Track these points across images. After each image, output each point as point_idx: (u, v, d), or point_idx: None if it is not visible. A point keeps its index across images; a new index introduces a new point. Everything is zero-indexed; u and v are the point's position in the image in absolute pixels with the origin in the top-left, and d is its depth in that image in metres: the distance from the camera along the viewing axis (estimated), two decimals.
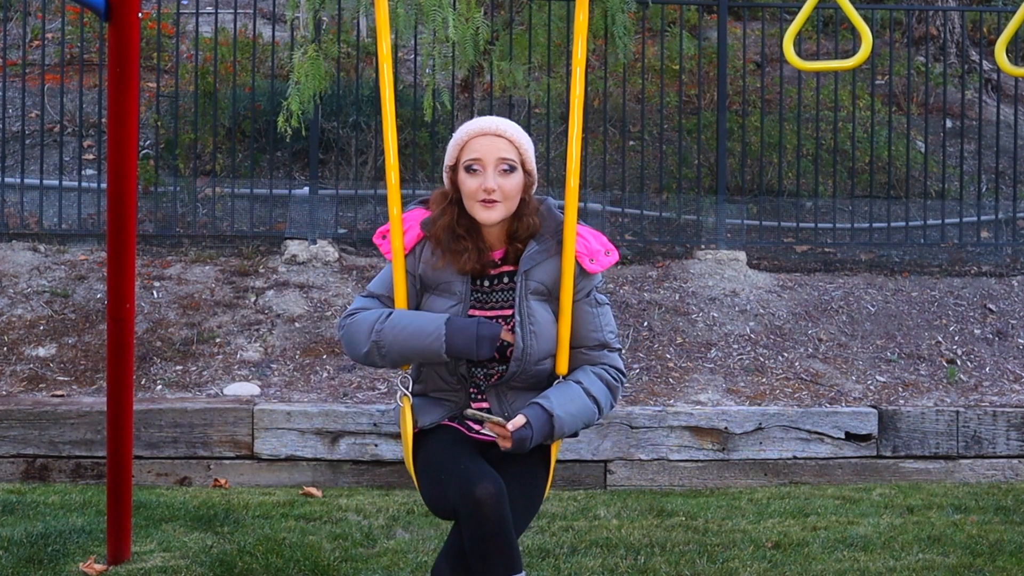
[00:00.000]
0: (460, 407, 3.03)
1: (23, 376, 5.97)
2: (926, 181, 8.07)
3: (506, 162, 2.95)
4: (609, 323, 3.06)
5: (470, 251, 2.96)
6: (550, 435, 2.92)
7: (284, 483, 5.49)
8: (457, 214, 2.99)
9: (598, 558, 4.17)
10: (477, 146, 2.97)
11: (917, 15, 9.57)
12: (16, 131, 7.92)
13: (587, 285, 3.02)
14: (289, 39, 7.72)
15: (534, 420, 2.90)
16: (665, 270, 7.27)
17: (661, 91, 7.94)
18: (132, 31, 3.13)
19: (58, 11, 8.79)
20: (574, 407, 2.94)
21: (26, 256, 6.95)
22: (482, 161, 2.95)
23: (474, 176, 2.95)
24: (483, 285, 3.03)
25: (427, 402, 3.06)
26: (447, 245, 2.97)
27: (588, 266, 2.99)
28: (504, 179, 2.94)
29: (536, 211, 3.03)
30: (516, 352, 2.96)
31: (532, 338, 2.96)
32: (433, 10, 6.41)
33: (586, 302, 3.02)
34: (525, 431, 2.89)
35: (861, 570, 4.10)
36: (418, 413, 3.05)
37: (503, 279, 3.04)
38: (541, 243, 3.00)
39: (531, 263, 2.99)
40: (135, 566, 3.93)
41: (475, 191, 2.94)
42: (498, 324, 2.95)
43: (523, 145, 2.99)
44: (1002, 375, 6.52)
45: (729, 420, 5.72)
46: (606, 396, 3.02)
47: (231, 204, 7.56)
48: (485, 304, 3.01)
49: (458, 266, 2.97)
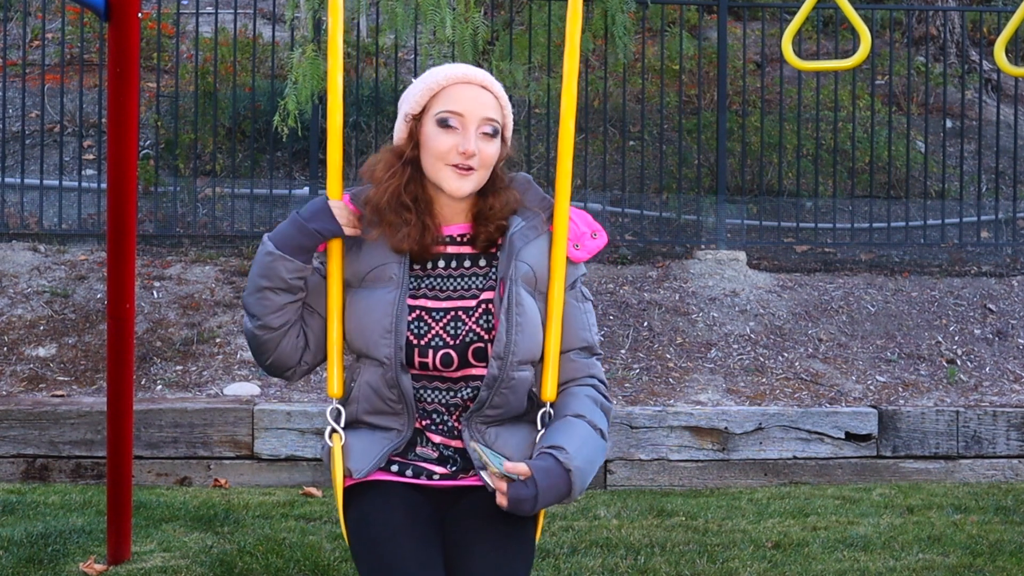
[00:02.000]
0: (404, 437, 2.40)
1: (23, 376, 5.97)
2: (926, 181, 8.07)
3: (491, 123, 2.37)
4: (594, 323, 2.50)
5: (412, 225, 2.36)
6: (566, 495, 2.28)
7: (284, 483, 5.49)
8: (408, 178, 2.39)
9: (598, 558, 4.17)
10: (458, 96, 2.37)
11: (917, 15, 9.57)
12: (16, 131, 7.92)
13: (572, 274, 2.44)
14: (289, 39, 7.71)
15: (542, 477, 2.26)
16: (665, 270, 7.27)
17: (661, 91, 7.94)
18: (132, 31, 3.12)
19: (58, 11, 8.79)
20: (588, 451, 2.34)
21: (26, 256, 6.95)
22: (463, 116, 2.35)
23: (449, 133, 2.35)
24: (431, 268, 2.42)
25: (362, 437, 2.41)
26: (386, 214, 2.37)
27: (572, 253, 2.42)
28: (485, 143, 2.36)
29: (511, 185, 2.47)
30: (497, 347, 2.34)
31: (517, 331, 2.35)
32: (431, 10, 6.41)
33: (571, 295, 2.44)
34: (525, 490, 2.26)
35: (861, 570, 4.10)
36: (349, 455, 2.38)
37: (463, 262, 2.43)
38: (527, 218, 2.44)
39: (523, 241, 2.41)
40: (135, 566, 3.93)
41: (448, 152, 2.34)
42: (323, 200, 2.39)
43: (507, 107, 2.45)
44: (1002, 375, 6.52)
45: (729, 420, 5.72)
46: (605, 423, 2.44)
47: (231, 204, 7.56)
48: (439, 292, 2.40)
49: (393, 242, 2.36)
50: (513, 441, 2.39)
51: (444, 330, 2.37)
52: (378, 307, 2.36)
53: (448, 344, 2.36)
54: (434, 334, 2.37)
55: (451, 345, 2.36)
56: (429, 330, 2.37)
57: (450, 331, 2.37)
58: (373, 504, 2.34)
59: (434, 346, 2.36)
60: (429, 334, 2.37)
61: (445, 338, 2.37)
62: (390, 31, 7.45)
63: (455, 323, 2.38)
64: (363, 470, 2.37)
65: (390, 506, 2.33)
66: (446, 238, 2.43)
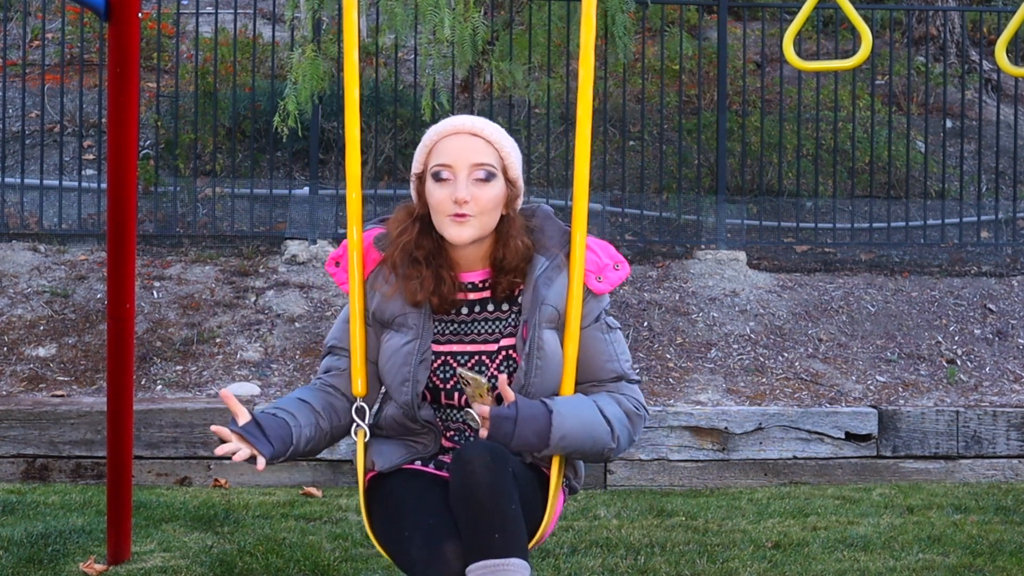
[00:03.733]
0: (430, 451, 2.51)
1: (23, 376, 5.97)
2: (926, 181, 8.07)
3: (482, 168, 2.40)
4: (624, 351, 2.52)
5: (424, 279, 2.43)
6: (544, 432, 2.35)
7: (284, 483, 5.49)
8: (417, 233, 2.46)
9: (598, 558, 4.16)
10: (447, 148, 2.42)
11: (917, 15, 9.57)
12: (16, 131, 7.92)
13: (595, 308, 2.48)
14: (289, 39, 7.71)
15: (524, 405, 2.35)
16: (665, 270, 7.27)
17: (661, 91, 7.94)
18: (132, 31, 3.12)
19: (58, 11, 8.79)
20: (581, 416, 2.40)
21: (26, 256, 6.95)
22: (452, 167, 2.40)
23: (443, 185, 2.40)
24: (457, 315, 2.50)
25: (388, 442, 2.55)
26: (401, 269, 2.46)
27: (595, 286, 2.45)
28: (479, 189, 2.40)
29: (525, 228, 2.48)
30: (515, 387, 2.41)
31: (536, 374, 2.42)
32: (430, 10, 6.41)
33: (596, 327, 2.48)
34: (506, 411, 2.33)
35: (861, 570, 4.09)
36: (375, 453, 2.53)
37: (486, 306, 2.50)
38: (549, 256, 2.47)
39: (548, 284, 2.44)
40: (135, 566, 3.93)
41: (443, 202, 2.39)
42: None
43: (504, 147, 2.45)
44: (1002, 375, 6.52)
45: (729, 420, 5.72)
46: (622, 422, 2.46)
47: (231, 204, 7.56)
48: (464, 337, 2.48)
49: (407, 296, 2.45)
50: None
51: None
52: (398, 356, 2.47)
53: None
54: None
55: None
56: (454, 374, 2.49)
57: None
58: (397, 483, 2.47)
59: (459, 389, 2.49)
60: (454, 378, 2.49)
61: None
62: (390, 31, 7.45)
63: (479, 367, 2.48)
64: (387, 465, 2.51)
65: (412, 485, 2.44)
66: (467, 284, 2.50)
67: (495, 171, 2.42)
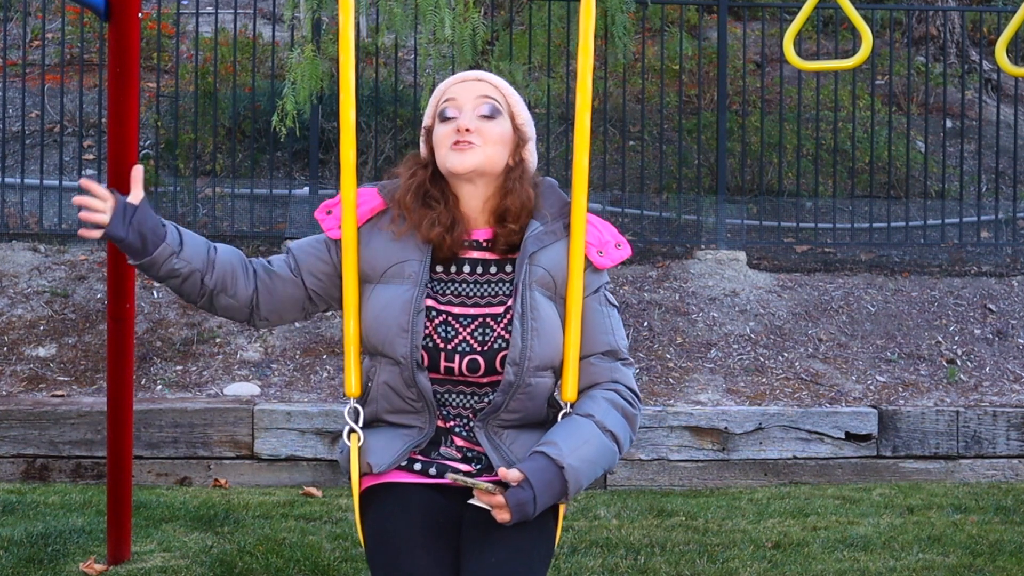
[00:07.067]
0: (426, 435, 2.38)
1: (23, 376, 5.97)
2: (926, 181, 8.07)
3: (486, 100, 2.39)
4: (620, 329, 2.44)
5: (440, 213, 2.37)
6: (562, 493, 2.27)
7: (284, 483, 5.49)
8: (431, 175, 2.42)
9: (598, 558, 4.17)
10: (454, 91, 2.42)
11: (917, 15, 9.57)
12: (16, 131, 7.92)
13: (595, 282, 2.42)
14: (289, 39, 7.71)
15: (536, 476, 2.24)
16: (665, 270, 7.27)
17: (661, 91, 7.94)
18: (132, 31, 3.13)
19: (58, 11, 8.79)
20: (589, 451, 2.30)
21: (26, 256, 6.95)
22: (457, 101, 2.40)
23: (448, 123, 2.39)
24: (456, 272, 2.41)
25: (383, 433, 2.40)
26: (413, 207, 2.38)
27: (596, 259, 2.39)
28: (484, 122, 2.38)
29: (531, 183, 2.44)
30: (512, 353, 2.32)
31: (533, 336, 2.33)
32: (430, 10, 6.41)
33: (594, 298, 2.41)
34: (523, 493, 2.22)
35: (861, 570, 4.10)
36: (369, 451, 2.37)
37: (488, 268, 2.41)
38: (545, 223, 2.41)
39: (537, 245, 2.38)
40: (135, 566, 3.93)
41: (448, 135, 2.37)
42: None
43: (511, 95, 2.44)
44: (1002, 375, 6.52)
45: (729, 420, 5.72)
46: (624, 429, 2.37)
47: (231, 204, 7.56)
48: (467, 299, 2.39)
49: (421, 232, 2.36)
50: (529, 444, 2.36)
51: (472, 336, 2.36)
52: (395, 304, 2.35)
53: (476, 350, 2.35)
54: (461, 339, 2.35)
55: (479, 351, 2.35)
56: (456, 335, 2.36)
57: (477, 337, 2.36)
58: (391, 510, 2.31)
59: (461, 351, 2.35)
60: (456, 339, 2.36)
61: (472, 344, 2.35)
62: (389, 31, 7.45)
63: (483, 329, 2.36)
64: (384, 464, 2.36)
65: (408, 514, 2.30)
66: (472, 242, 2.42)
67: (500, 108, 2.40)
